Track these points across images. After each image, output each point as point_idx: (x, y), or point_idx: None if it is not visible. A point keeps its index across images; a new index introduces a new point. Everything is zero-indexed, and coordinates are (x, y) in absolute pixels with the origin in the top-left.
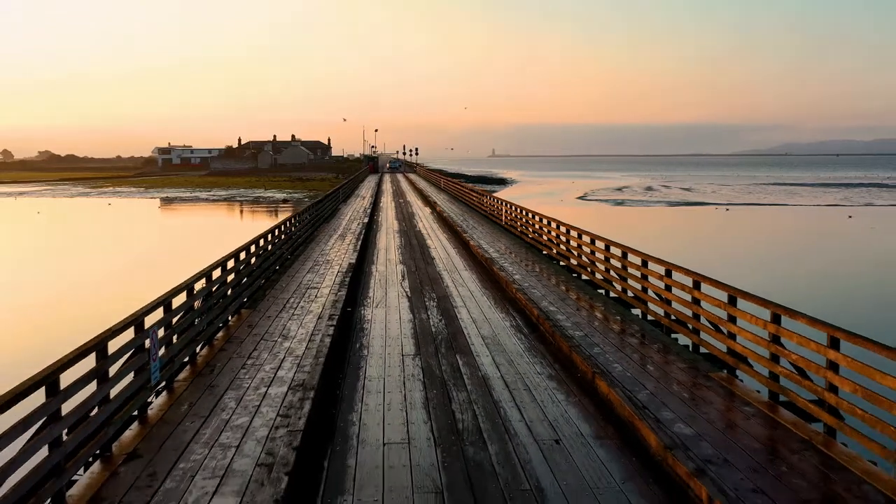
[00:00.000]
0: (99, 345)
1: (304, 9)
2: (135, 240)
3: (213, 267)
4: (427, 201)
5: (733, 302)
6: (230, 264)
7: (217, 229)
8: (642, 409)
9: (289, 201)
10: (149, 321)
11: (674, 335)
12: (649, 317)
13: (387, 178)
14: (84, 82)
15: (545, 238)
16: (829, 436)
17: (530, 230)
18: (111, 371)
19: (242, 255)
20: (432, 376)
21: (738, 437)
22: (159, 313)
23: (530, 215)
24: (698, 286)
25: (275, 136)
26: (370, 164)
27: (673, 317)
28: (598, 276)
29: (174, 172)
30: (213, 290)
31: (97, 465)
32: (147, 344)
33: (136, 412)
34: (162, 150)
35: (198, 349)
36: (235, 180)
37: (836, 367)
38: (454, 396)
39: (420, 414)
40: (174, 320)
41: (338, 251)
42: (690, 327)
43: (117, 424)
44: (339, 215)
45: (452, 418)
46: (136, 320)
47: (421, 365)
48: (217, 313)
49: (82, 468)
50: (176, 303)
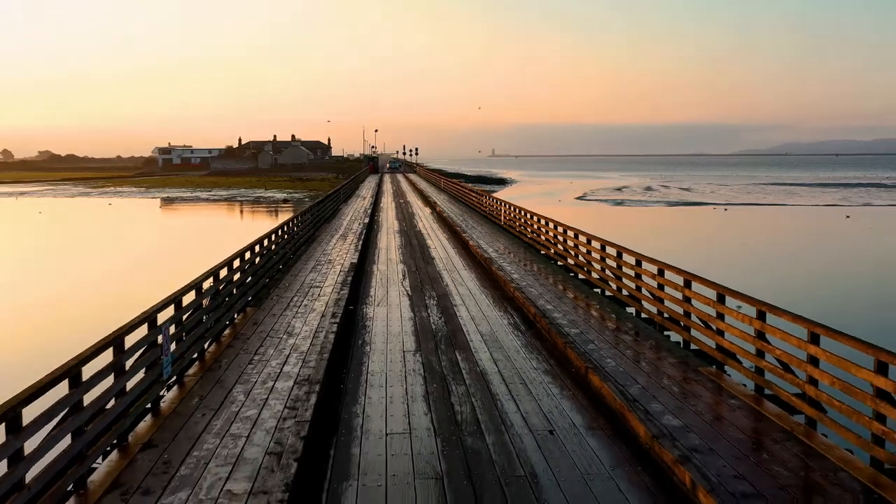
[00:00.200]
0: (116, 340)
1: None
2: (136, 240)
3: (219, 266)
4: (427, 201)
5: (722, 300)
6: (236, 264)
7: (218, 229)
8: (633, 401)
9: (289, 201)
10: (161, 318)
11: (666, 332)
12: (643, 315)
13: (387, 179)
14: (84, 82)
15: (543, 238)
16: (809, 427)
17: (529, 230)
18: (127, 365)
19: (248, 255)
20: (432, 371)
21: (724, 428)
22: (170, 311)
23: (528, 216)
24: (689, 285)
25: (275, 136)
26: (370, 165)
27: (665, 315)
28: (595, 276)
29: (174, 172)
30: (221, 288)
31: (114, 454)
32: (159, 340)
33: (150, 405)
34: (162, 150)
35: (206, 346)
36: (236, 180)
37: (816, 361)
38: (453, 390)
39: (421, 406)
40: (184, 317)
41: (339, 251)
42: (682, 325)
43: (132, 416)
44: (340, 215)
45: (452, 410)
46: (150, 317)
47: (421, 360)
48: (224, 311)
49: (101, 457)
50: (185, 301)
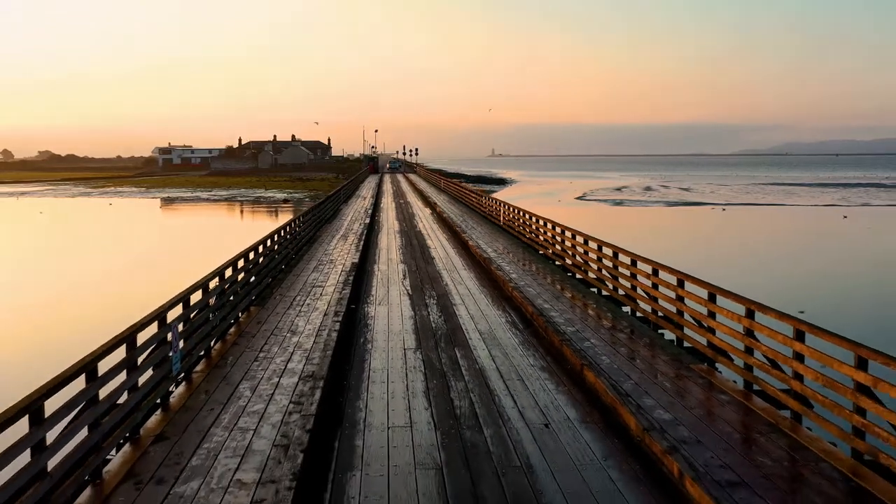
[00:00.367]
0: (129, 337)
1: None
2: (137, 240)
3: (225, 266)
4: (427, 202)
5: (713, 299)
6: (240, 264)
7: (218, 229)
8: (625, 396)
9: (289, 201)
10: (170, 316)
11: (661, 331)
12: (638, 314)
13: (387, 179)
14: (84, 82)
15: (541, 238)
16: (795, 420)
17: (527, 231)
18: (139, 361)
19: (251, 255)
20: (432, 368)
21: (713, 422)
22: (178, 309)
23: (527, 216)
24: (682, 284)
25: (275, 136)
26: (370, 165)
27: (660, 313)
28: (592, 276)
29: (175, 172)
30: (226, 288)
31: (128, 446)
32: (169, 337)
33: (160, 400)
34: (162, 150)
35: (212, 343)
36: (236, 180)
37: (801, 357)
38: (453, 386)
39: (421, 401)
40: (192, 316)
41: (341, 251)
42: (675, 323)
43: (144, 410)
44: (341, 216)
45: (451, 405)
46: (160, 315)
47: (422, 358)
48: (229, 310)
49: (114, 449)
50: (193, 299)
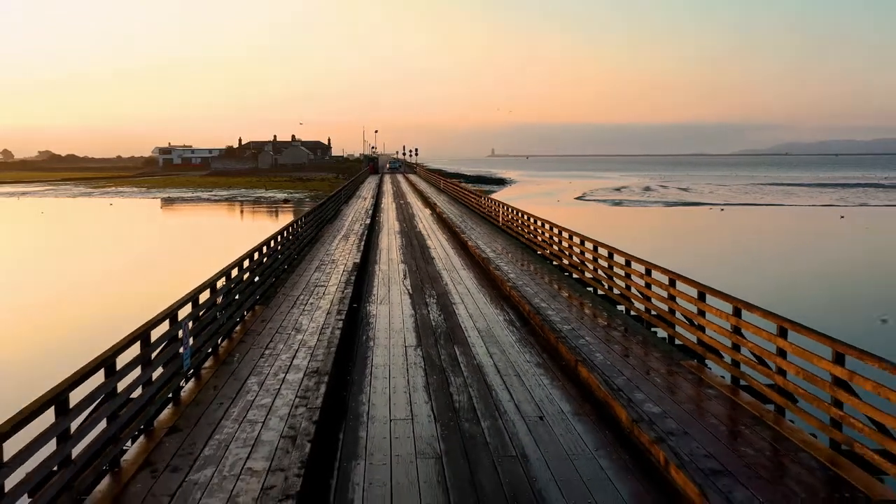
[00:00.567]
0: (143, 333)
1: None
2: (138, 240)
3: (231, 266)
4: (427, 202)
5: (703, 297)
6: (245, 264)
7: (219, 230)
8: (617, 391)
9: (290, 201)
10: (180, 314)
11: (654, 329)
12: (632, 312)
13: (387, 179)
14: (84, 82)
15: (539, 239)
16: (779, 414)
17: (526, 231)
18: (152, 356)
19: (256, 256)
20: (432, 364)
21: (700, 415)
22: (188, 307)
23: (526, 217)
24: (674, 283)
25: (275, 137)
26: (370, 165)
27: (653, 312)
28: (588, 275)
29: (175, 172)
30: (232, 287)
31: (142, 438)
32: (180, 334)
33: (171, 394)
34: (163, 150)
35: (219, 341)
36: (236, 180)
37: (784, 353)
38: (452, 381)
39: (422, 395)
40: (200, 314)
41: (342, 251)
42: (667, 321)
43: (157, 403)
44: (342, 216)
45: (450, 399)
46: (172, 313)
47: (422, 354)
48: (235, 308)
49: (130, 440)
50: (202, 298)
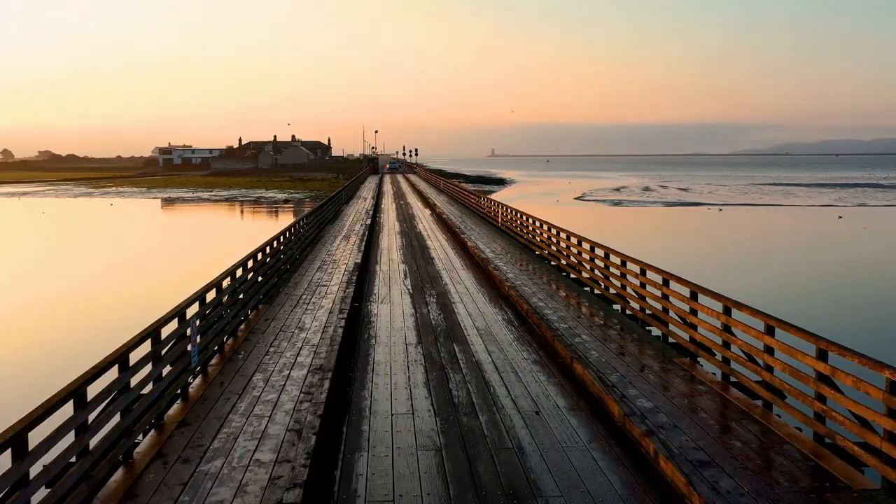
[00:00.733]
0: (154, 331)
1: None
2: (139, 240)
3: (235, 266)
4: (427, 203)
5: (695, 297)
6: (249, 264)
7: (219, 230)
8: (611, 387)
9: (290, 202)
10: (188, 313)
11: (648, 327)
12: (628, 312)
13: (387, 179)
14: (84, 82)
15: (538, 240)
16: (766, 409)
17: (524, 232)
18: (162, 353)
19: (259, 256)
20: (432, 361)
21: (690, 410)
22: (196, 306)
23: (524, 217)
24: (667, 283)
25: (275, 137)
26: (370, 165)
27: (648, 311)
28: (585, 276)
29: (175, 172)
30: (237, 286)
31: (153, 432)
32: (188, 332)
33: (179, 391)
34: (163, 150)
35: (225, 339)
36: (237, 180)
37: (771, 350)
38: (451, 377)
39: (422, 391)
40: (207, 313)
41: (343, 251)
42: (661, 320)
43: (167, 398)
44: (343, 217)
45: (449, 395)
46: (180, 312)
47: (422, 352)
48: (240, 307)
49: (141, 434)
50: (208, 297)
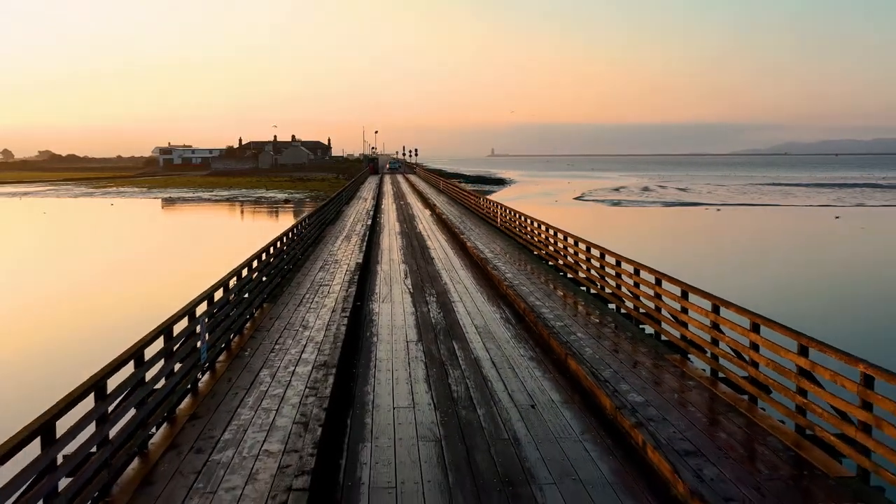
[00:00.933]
0: (166, 329)
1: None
2: (140, 240)
3: (241, 266)
4: (427, 203)
5: (685, 296)
6: (254, 264)
7: (220, 230)
8: (603, 382)
9: (290, 202)
10: (198, 311)
11: (642, 326)
12: (623, 310)
13: (387, 180)
14: (84, 82)
15: (536, 240)
16: (752, 402)
17: (523, 232)
18: (174, 349)
19: (263, 256)
20: (432, 358)
21: (679, 404)
22: (204, 305)
23: (523, 218)
24: (660, 282)
25: (275, 137)
26: (370, 166)
27: (641, 310)
28: (582, 275)
29: (176, 172)
30: (243, 286)
31: (166, 424)
32: (198, 329)
33: (189, 386)
34: (163, 150)
35: (231, 337)
36: (237, 180)
37: (756, 347)
38: (450, 373)
39: (422, 386)
40: (214, 311)
41: (345, 252)
42: (654, 318)
43: (178, 393)
44: (344, 217)
45: (449, 389)
46: (190, 310)
47: (423, 349)
48: (245, 306)
49: (154, 427)
50: (216, 296)
